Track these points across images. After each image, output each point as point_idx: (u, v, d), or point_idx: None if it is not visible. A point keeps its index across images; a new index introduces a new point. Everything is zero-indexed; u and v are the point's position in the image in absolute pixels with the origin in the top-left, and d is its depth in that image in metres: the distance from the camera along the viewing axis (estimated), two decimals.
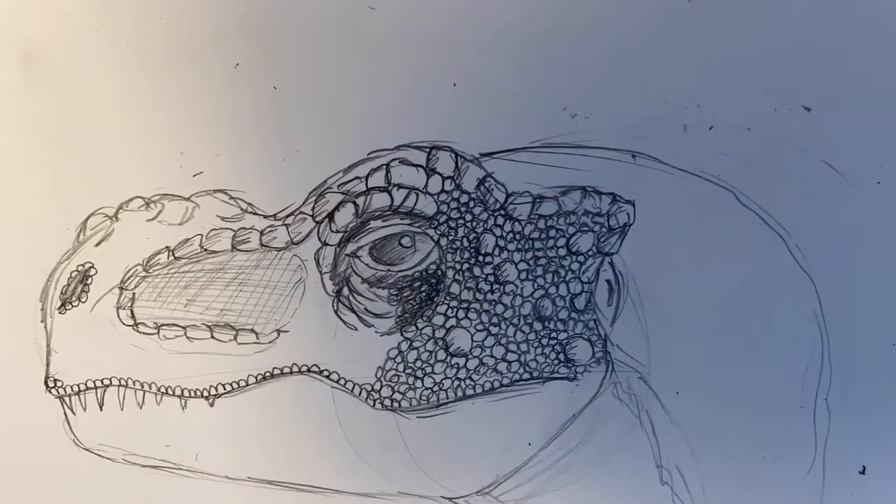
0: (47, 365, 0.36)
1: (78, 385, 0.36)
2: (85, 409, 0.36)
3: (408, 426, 0.36)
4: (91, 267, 0.35)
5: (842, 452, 0.37)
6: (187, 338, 0.36)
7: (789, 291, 0.36)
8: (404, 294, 0.35)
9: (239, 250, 0.35)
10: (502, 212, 0.35)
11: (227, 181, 0.35)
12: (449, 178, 0.35)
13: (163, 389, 0.36)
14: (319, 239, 0.35)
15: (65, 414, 0.36)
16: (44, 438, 0.36)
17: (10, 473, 0.37)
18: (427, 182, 0.35)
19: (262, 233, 0.35)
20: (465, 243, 0.35)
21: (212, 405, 0.36)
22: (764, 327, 0.36)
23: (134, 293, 0.35)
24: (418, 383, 0.36)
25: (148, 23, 0.34)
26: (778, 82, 0.34)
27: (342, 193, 0.35)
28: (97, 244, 0.35)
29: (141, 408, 0.36)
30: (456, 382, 0.36)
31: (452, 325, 0.36)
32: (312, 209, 0.35)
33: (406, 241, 0.35)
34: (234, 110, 0.34)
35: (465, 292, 0.36)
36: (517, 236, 0.35)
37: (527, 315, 0.36)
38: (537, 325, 0.36)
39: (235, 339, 0.36)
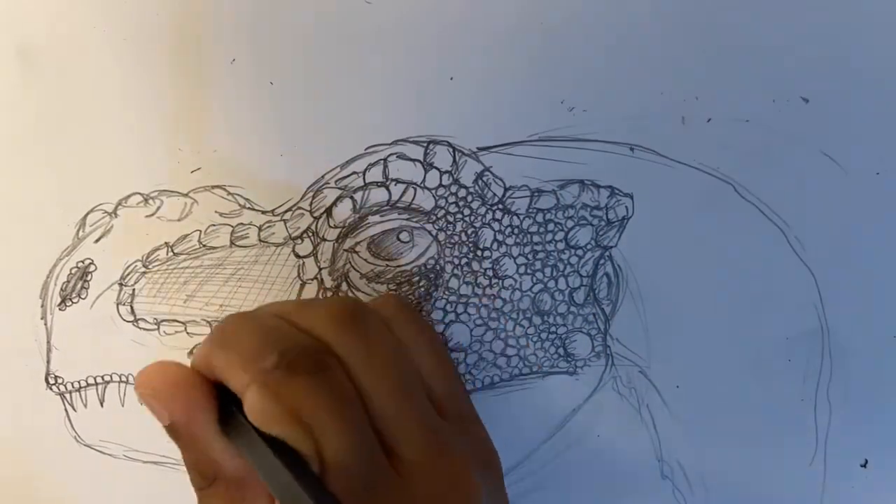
0: (48, 362, 0.36)
1: (79, 382, 0.36)
2: (86, 406, 0.36)
3: None
4: (91, 263, 0.35)
5: (843, 445, 0.37)
6: (187, 333, 0.36)
7: (789, 284, 0.36)
8: (403, 289, 0.35)
9: (237, 246, 0.35)
10: (500, 206, 0.35)
11: (225, 177, 0.35)
12: (447, 172, 0.35)
13: None
14: (318, 234, 0.35)
15: (66, 411, 0.36)
16: (45, 435, 0.36)
17: (11, 471, 0.37)
18: (425, 177, 0.35)
19: (260, 228, 0.35)
20: (464, 238, 0.35)
21: None
22: (764, 320, 0.36)
23: (134, 289, 0.35)
24: None
25: (145, 19, 0.34)
26: (776, 73, 0.34)
27: (340, 189, 0.35)
28: (96, 241, 0.35)
29: (142, 404, 0.36)
30: None
31: (451, 321, 0.36)
32: (310, 205, 0.35)
33: (404, 235, 0.35)
34: (232, 106, 0.34)
35: (464, 287, 0.36)
36: (515, 230, 0.35)
37: (526, 309, 0.36)
38: (536, 320, 0.36)
39: None
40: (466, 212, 0.35)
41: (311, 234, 0.35)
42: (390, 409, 0.28)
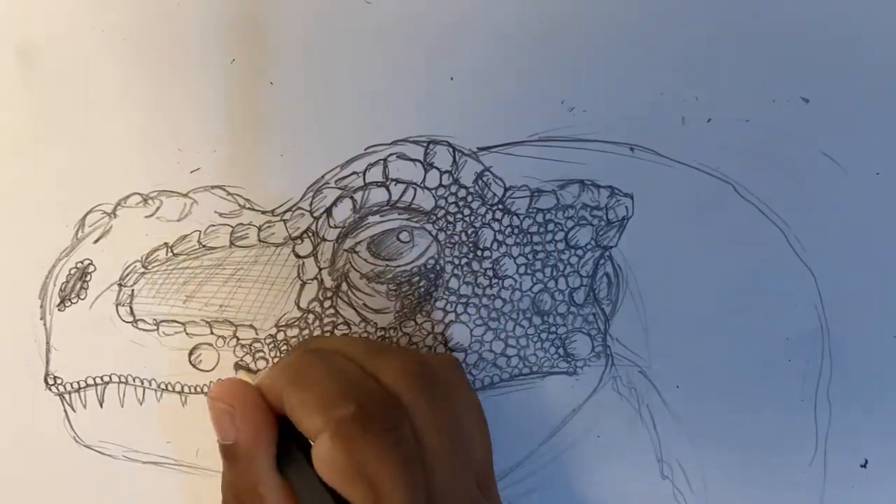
0: (47, 362, 0.36)
1: (78, 382, 0.36)
2: (85, 407, 0.36)
3: None
4: (90, 264, 0.35)
5: (843, 445, 0.37)
6: (187, 334, 0.36)
7: (789, 284, 0.36)
8: (403, 289, 0.35)
9: (237, 246, 0.35)
10: (500, 206, 0.35)
11: (224, 177, 0.35)
12: (447, 172, 0.35)
13: (163, 386, 0.36)
14: (318, 234, 0.35)
15: (65, 411, 0.36)
16: (44, 436, 0.36)
17: (10, 471, 0.37)
18: (425, 177, 0.35)
19: (259, 228, 0.35)
20: (464, 238, 0.35)
21: None
22: (764, 320, 0.36)
23: (133, 290, 0.35)
24: None
25: (144, 19, 0.34)
26: (776, 73, 0.34)
27: (340, 189, 0.35)
28: (96, 241, 0.35)
29: (141, 404, 0.36)
30: None
31: (451, 321, 0.36)
32: (310, 205, 0.35)
33: (404, 235, 0.35)
34: (231, 106, 0.34)
35: (464, 287, 0.36)
36: (515, 230, 0.35)
37: (526, 309, 0.36)
38: (536, 320, 0.36)
39: (235, 334, 0.36)
40: (466, 212, 0.35)
41: (311, 234, 0.35)
42: (445, 474, 0.29)
